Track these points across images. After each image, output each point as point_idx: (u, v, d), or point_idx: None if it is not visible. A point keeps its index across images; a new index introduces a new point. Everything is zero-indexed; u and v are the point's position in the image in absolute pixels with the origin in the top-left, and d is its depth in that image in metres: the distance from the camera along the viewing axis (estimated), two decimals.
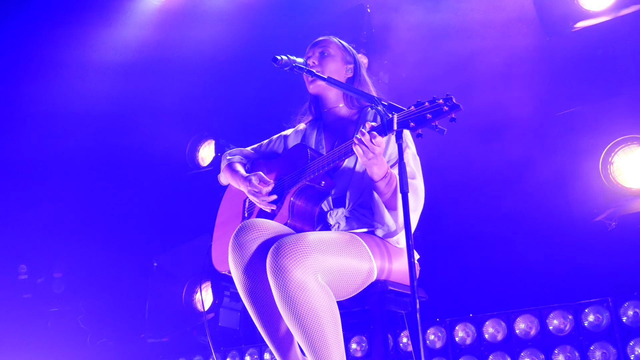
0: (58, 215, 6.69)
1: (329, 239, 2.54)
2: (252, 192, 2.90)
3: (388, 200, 2.66)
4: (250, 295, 2.60)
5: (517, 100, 4.67)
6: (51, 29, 6.48)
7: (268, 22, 5.88)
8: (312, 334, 2.37)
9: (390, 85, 5.26)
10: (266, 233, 2.62)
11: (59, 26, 6.44)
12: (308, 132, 3.18)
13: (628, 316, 3.59)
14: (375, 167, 2.58)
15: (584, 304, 3.73)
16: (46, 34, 6.51)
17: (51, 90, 6.54)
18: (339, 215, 2.82)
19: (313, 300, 2.37)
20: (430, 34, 5.07)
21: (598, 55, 4.39)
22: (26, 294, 6.73)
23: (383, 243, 2.72)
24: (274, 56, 2.78)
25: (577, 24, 4.33)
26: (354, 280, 2.57)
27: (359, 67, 3.11)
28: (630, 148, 4.01)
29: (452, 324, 4.11)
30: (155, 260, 5.93)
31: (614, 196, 3.99)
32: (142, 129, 6.39)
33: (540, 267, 4.37)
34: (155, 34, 6.53)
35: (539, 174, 4.47)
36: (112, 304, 6.31)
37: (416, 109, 2.38)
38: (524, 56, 4.69)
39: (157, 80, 6.41)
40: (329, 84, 2.88)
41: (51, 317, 6.62)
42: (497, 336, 3.97)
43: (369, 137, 2.46)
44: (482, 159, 4.76)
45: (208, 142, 6.30)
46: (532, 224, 4.43)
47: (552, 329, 3.79)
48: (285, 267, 2.37)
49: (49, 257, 6.79)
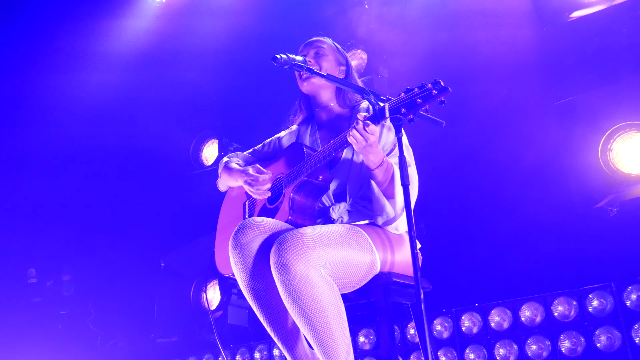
0: (65, 218, 6.74)
1: (330, 232, 2.58)
2: (248, 182, 2.92)
3: (386, 189, 2.70)
4: (254, 293, 2.64)
5: (516, 90, 4.70)
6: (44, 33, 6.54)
7: (269, 20, 5.91)
8: (317, 326, 2.41)
9: (389, 80, 5.29)
10: (265, 230, 2.65)
11: (57, 26, 6.49)
12: (302, 131, 3.21)
13: (632, 300, 3.63)
14: (371, 155, 2.62)
15: (587, 290, 3.76)
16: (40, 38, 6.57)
17: (56, 92, 6.61)
18: (341, 209, 2.86)
19: (317, 293, 2.41)
20: (428, 27, 5.11)
21: (594, 44, 4.42)
22: (36, 298, 6.78)
23: (385, 234, 2.76)
24: (274, 55, 2.82)
25: (573, 13, 4.36)
26: (357, 273, 2.60)
27: (350, 69, 3.16)
28: (629, 134, 4.04)
29: (458, 314, 4.15)
30: (163, 260, 5.98)
31: (614, 182, 4.03)
32: (145, 129, 6.44)
33: (544, 255, 4.40)
34: (158, 33, 6.57)
35: (540, 162, 4.50)
36: (121, 305, 6.34)
37: (406, 95, 2.44)
38: (521, 46, 4.71)
39: (160, 80, 6.45)
40: (328, 80, 2.92)
41: (61, 320, 6.65)
42: (503, 324, 4.00)
43: (362, 125, 2.51)
44: (482, 149, 4.80)
45: (212, 141, 6.34)
46: (533, 212, 4.46)
47: (557, 316, 3.83)
48: (288, 262, 2.40)
49: (58, 260, 6.83)
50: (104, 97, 6.54)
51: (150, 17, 6.66)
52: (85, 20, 6.46)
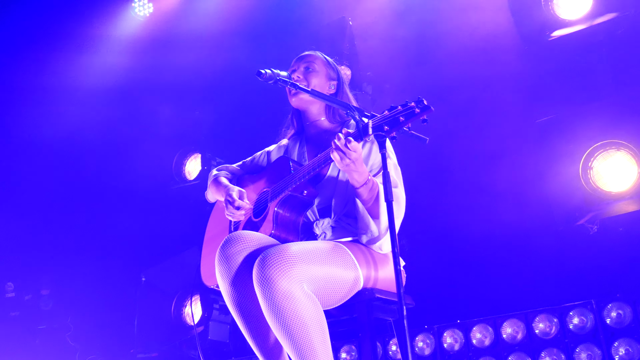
0: (44, 232, 6.68)
1: (314, 248, 2.58)
2: (226, 201, 2.94)
3: (371, 208, 2.70)
4: (238, 307, 2.63)
5: (497, 108, 4.75)
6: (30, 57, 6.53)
7: (252, 35, 5.92)
8: (299, 343, 2.40)
9: (373, 96, 5.32)
10: (251, 245, 2.65)
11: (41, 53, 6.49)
12: (290, 146, 3.22)
13: (612, 317, 3.66)
14: (355, 174, 2.62)
15: (568, 307, 3.79)
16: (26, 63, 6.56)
17: (40, 112, 6.58)
18: (325, 225, 2.86)
19: (300, 309, 2.40)
20: (411, 45, 5.15)
21: (575, 63, 4.48)
22: (13, 312, 6.69)
23: (369, 251, 2.75)
24: (258, 70, 2.82)
25: (554, 32, 4.42)
26: (340, 289, 2.60)
27: (342, 84, 3.16)
28: (609, 152, 4.09)
29: (440, 331, 4.15)
30: (144, 274, 5.93)
31: (595, 200, 4.07)
32: (128, 144, 6.41)
33: (525, 272, 4.43)
34: (141, 48, 6.57)
35: (521, 180, 4.54)
36: (101, 320, 6.28)
37: (389, 113, 2.46)
38: (503, 65, 4.77)
39: (142, 95, 6.44)
40: (312, 96, 2.92)
41: (39, 335, 6.57)
42: (485, 341, 4.02)
43: (344, 141, 2.51)
44: (464, 167, 4.84)
45: (194, 155, 6.33)
46: (515, 230, 4.49)
47: (538, 333, 3.85)
48: (271, 278, 2.40)
49: (36, 274, 6.76)
50: (87, 110, 6.51)
51: (132, 31, 6.66)
52: (70, 47, 6.47)
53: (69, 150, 6.63)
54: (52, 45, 6.53)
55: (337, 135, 2.54)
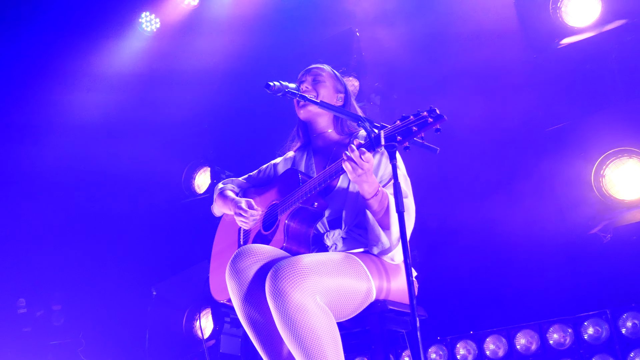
0: (55, 247, 6.69)
1: (326, 260, 2.57)
2: (237, 213, 2.95)
3: (381, 219, 2.69)
4: (250, 320, 2.62)
5: (508, 117, 4.73)
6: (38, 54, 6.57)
7: (260, 49, 5.94)
8: (313, 356, 2.38)
9: (382, 106, 5.32)
10: (262, 258, 2.64)
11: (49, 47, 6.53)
12: (297, 158, 3.21)
13: (627, 327, 3.61)
14: (365, 185, 2.61)
15: (583, 317, 3.75)
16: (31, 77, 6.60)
17: (46, 117, 6.61)
18: (335, 236, 2.85)
19: (313, 322, 2.39)
20: (418, 55, 5.15)
21: (585, 70, 4.46)
22: (26, 328, 6.70)
23: (380, 262, 2.74)
24: (267, 82, 2.82)
25: (563, 40, 4.40)
26: (352, 301, 2.58)
27: (349, 97, 3.16)
28: (621, 160, 4.05)
29: (453, 342, 4.12)
30: (155, 288, 5.93)
31: (608, 208, 4.03)
32: (138, 157, 6.43)
33: (539, 282, 4.39)
34: (149, 61, 6.61)
35: (533, 190, 4.52)
36: (112, 334, 6.28)
37: (402, 123, 2.44)
38: (512, 74, 4.76)
39: (151, 109, 6.46)
40: (321, 108, 2.92)
41: (52, 350, 6.57)
42: (499, 352, 3.98)
43: (358, 152, 2.50)
44: (477, 177, 4.81)
45: (204, 169, 6.34)
46: (528, 239, 4.46)
47: (552, 343, 3.81)
48: (284, 290, 2.39)
49: (48, 289, 6.77)
50: (96, 126, 6.55)
51: (144, 43, 6.70)
52: (78, 41, 6.50)
53: (82, 165, 6.66)
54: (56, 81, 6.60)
55: (349, 146, 2.53)
